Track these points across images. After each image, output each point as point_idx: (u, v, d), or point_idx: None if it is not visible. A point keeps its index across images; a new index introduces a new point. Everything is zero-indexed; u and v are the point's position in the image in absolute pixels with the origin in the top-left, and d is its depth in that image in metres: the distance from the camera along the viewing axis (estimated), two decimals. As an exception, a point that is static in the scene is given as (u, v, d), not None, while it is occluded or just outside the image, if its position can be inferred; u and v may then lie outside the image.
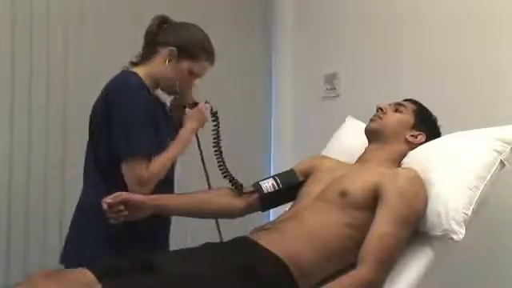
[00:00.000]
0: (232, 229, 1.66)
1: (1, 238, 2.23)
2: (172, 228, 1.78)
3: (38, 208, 2.31)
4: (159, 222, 1.67)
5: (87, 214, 1.65)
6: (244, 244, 1.45)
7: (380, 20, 2.37)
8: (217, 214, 1.70)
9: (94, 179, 1.64)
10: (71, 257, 1.64)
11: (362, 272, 1.34)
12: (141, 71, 1.67)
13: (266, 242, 1.42)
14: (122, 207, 1.49)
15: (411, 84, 2.15)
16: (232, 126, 2.79)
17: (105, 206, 1.48)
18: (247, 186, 1.67)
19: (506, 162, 1.50)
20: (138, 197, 1.52)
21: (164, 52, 1.67)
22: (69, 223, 1.69)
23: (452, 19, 2.03)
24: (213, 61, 1.74)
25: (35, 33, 2.32)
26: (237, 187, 1.65)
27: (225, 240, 1.52)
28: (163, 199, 1.60)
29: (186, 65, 1.68)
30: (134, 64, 1.71)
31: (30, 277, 1.28)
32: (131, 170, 1.55)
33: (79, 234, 1.66)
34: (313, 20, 2.83)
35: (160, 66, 1.67)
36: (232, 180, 1.66)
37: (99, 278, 1.24)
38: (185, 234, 1.84)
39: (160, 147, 1.62)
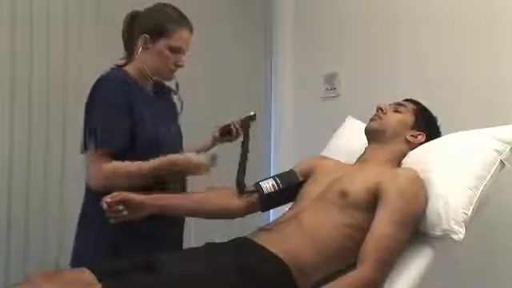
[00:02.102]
0: (232, 229, 1.66)
1: (1, 238, 2.23)
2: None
3: (38, 208, 2.30)
4: (162, 223, 1.65)
5: (87, 217, 1.65)
6: (244, 244, 1.45)
7: (380, 20, 2.37)
8: (217, 214, 1.70)
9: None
10: (75, 259, 1.65)
11: (361, 272, 1.34)
12: (129, 68, 1.69)
13: (267, 242, 1.42)
14: (121, 207, 1.49)
15: (411, 84, 2.15)
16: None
17: (104, 206, 1.47)
18: (247, 186, 1.67)
19: (505, 162, 1.50)
20: (137, 196, 1.51)
21: (140, 43, 1.67)
22: (69, 223, 1.69)
23: (451, 19, 2.03)
24: (187, 26, 1.69)
25: (35, 33, 2.32)
26: (239, 186, 1.65)
27: (224, 240, 1.51)
28: (163, 199, 1.59)
29: (162, 44, 1.66)
30: (121, 66, 1.72)
31: (30, 277, 1.28)
32: (88, 162, 1.57)
33: (81, 237, 1.66)
34: (313, 20, 2.82)
35: (140, 56, 1.68)
36: (239, 181, 1.67)
37: (99, 278, 1.24)
38: (188, 234, 1.84)
39: (147, 140, 1.62)
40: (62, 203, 2.35)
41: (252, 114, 1.83)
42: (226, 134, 1.92)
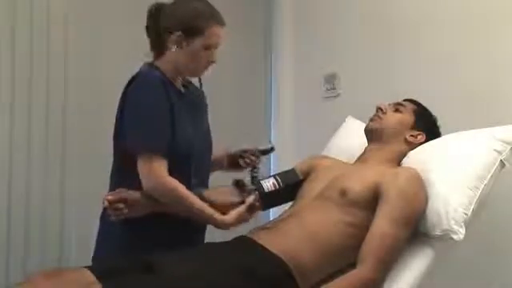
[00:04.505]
0: (232, 228, 1.65)
1: (1, 238, 2.23)
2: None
3: (38, 208, 2.30)
4: (184, 227, 1.62)
5: (106, 218, 1.61)
6: (244, 244, 1.45)
7: (379, 20, 2.37)
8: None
9: (112, 176, 1.63)
10: (95, 254, 1.64)
11: (361, 271, 1.34)
12: (160, 66, 1.61)
13: (267, 241, 1.42)
14: (121, 205, 1.49)
15: (411, 84, 2.15)
16: (232, 125, 2.80)
17: (105, 203, 1.49)
18: (247, 184, 1.67)
19: (506, 162, 1.51)
20: (136, 194, 1.52)
21: (171, 40, 1.58)
22: (69, 223, 1.67)
23: (451, 19, 2.03)
24: (220, 20, 1.61)
25: (35, 33, 2.32)
26: (238, 183, 1.65)
27: (225, 240, 1.51)
28: None
29: (198, 43, 1.57)
30: (152, 63, 1.64)
31: (30, 277, 1.28)
32: (147, 164, 1.49)
33: (101, 238, 1.65)
34: (313, 20, 2.82)
35: (174, 54, 1.59)
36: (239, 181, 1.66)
37: (99, 278, 1.24)
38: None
39: (181, 141, 1.56)
40: (62, 203, 2.34)
41: (269, 147, 1.75)
42: (235, 166, 1.83)
